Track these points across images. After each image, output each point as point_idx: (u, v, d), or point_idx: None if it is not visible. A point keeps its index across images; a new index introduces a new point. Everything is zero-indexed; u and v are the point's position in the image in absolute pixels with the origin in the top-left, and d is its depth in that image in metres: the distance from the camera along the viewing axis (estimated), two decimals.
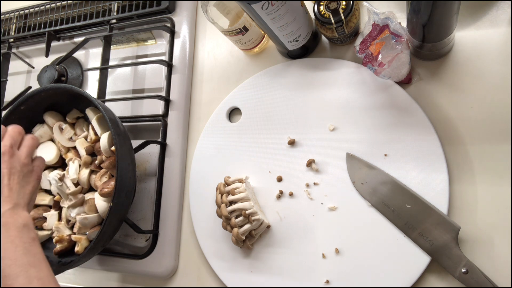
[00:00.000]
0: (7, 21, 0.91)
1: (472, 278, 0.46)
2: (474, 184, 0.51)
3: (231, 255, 0.59)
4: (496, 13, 0.54)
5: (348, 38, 0.59)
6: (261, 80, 0.64)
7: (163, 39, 0.76)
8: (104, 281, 0.69)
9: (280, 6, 0.50)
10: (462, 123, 0.53)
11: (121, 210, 0.58)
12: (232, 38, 0.62)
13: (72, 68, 0.82)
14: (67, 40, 0.84)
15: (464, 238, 0.49)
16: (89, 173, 0.64)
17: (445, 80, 0.55)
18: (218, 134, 0.65)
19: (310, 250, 0.55)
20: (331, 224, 0.55)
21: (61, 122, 0.69)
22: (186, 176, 0.67)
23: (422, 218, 0.50)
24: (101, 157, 0.62)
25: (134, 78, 0.77)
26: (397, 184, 0.52)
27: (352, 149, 0.56)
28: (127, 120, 0.72)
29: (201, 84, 0.71)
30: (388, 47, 0.49)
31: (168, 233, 0.64)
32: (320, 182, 0.57)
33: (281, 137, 0.61)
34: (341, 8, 0.54)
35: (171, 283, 0.65)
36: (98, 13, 0.81)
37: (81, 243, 0.61)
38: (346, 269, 0.53)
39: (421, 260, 0.50)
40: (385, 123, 0.55)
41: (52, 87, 0.64)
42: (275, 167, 0.60)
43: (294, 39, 0.57)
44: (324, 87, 0.60)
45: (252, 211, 0.55)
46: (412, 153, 0.53)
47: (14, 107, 0.66)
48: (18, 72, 0.90)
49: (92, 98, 0.59)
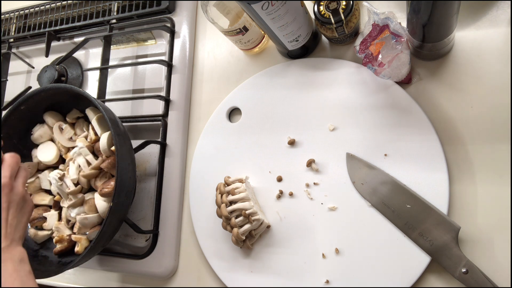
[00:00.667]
0: (7, 21, 0.91)
1: (472, 278, 0.46)
2: (474, 184, 0.51)
3: (231, 255, 0.59)
4: (496, 13, 0.54)
5: (348, 38, 0.59)
6: (261, 80, 0.64)
7: (163, 39, 0.76)
8: (104, 281, 0.69)
9: (280, 6, 0.50)
10: (462, 123, 0.53)
11: (121, 210, 0.58)
12: (232, 38, 0.62)
13: (72, 68, 0.82)
14: (67, 40, 0.84)
15: (464, 238, 0.49)
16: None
17: (445, 80, 0.55)
18: (218, 134, 0.65)
19: (310, 250, 0.55)
20: (331, 224, 0.55)
21: (61, 122, 0.69)
22: (186, 176, 0.67)
23: (422, 218, 0.50)
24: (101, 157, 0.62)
25: (134, 78, 0.77)
26: (397, 184, 0.52)
27: (352, 149, 0.56)
28: (127, 120, 0.72)
29: (201, 84, 0.71)
30: (388, 47, 0.49)
31: (168, 233, 0.64)
32: (320, 182, 0.57)
33: (281, 137, 0.61)
34: (341, 8, 0.54)
35: (171, 283, 0.65)
36: (98, 13, 0.81)
37: (81, 243, 0.61)
38: (346, 269, 0.53)
39: (421, 260, 0.50)
40: (385, 123, 0.55)
41: (52, 87, 0.64)
42: (275, 167, 0.60)
43: (294, 39, 0.57)
44: (324, 87, 0.60)
45: (252, 211, 0.55)
46: (412, 153, 0.53)
47: (14, 107, 0.66)
48: (18, 72, 0.90)
49: (92, 98, 0.59)
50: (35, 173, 0.69)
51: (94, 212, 0.61)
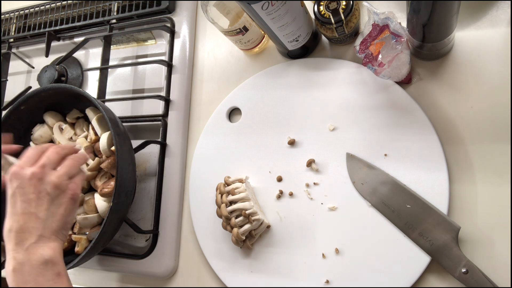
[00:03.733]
0: (7, 21, 0.91)
1: (472, 278, 0.46)
2: (474, 184, 0.51)
3: (231, 255, 0.59)
4: (496, 13, 0.54)
5: (348, 38, 0.59)
6: (261, 80, 0.64)
7: (163, 39, 0.76)
8: (104, 281, 0.69)
9: (280, 6, 0.50)
10: (462, 123, 0.53)
11: (121, 210, 0.58)
12: (232, 38, 0.62)
13: (72, 68, 0.82)
14: (67, 40, 0.84)
15: (464, 238, 0.49)
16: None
17: (445, 80, 0.55)
18: (218, 134, 0.65)
19: (310, 250, 0.55)
20: (331, 224, 0.55)
21: (61, 122, 0.69)
22: (186, 176, 0.67)
23: (422, 218, 0.50)
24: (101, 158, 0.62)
25: (134, 78, 0.77)
26: (397, 184, 0.52)
27: (352, 149, 0.56)
28: (127, 120, 0.72)
29: (201, 84, 0.71)
30: (388, 47, 0.49)
31: (168, 233, 0.64)
32: (320, 182, 0.57)
33: (281, 137, 0.61)
34: (341, 8, 0.54)
35: (171, 283, 0.65)
36: (98, 13, 0.81)
37: (81, 243, 0.61)
38: (346, 269, 0.53)
39: (421, 260, 0.50)
40: (385, 123, 0.55)
41: (52, 87, 0.64)
42: (275, 167, 0.60)
43: (294, 39, 0.57)
44: (324, 87, 0.60)
45: (252, 211, 0.55)
46: (412, 153, 0.53)
47: (14, 107, 0.66)
48: (18, 72, 0.90)
49: (92, 98, 0.59)
50: None
51: (94, 212, 0.61)
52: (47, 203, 0.45)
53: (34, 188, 0.45)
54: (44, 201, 0.45)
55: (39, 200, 0.45)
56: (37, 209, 0.44)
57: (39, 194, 0.45)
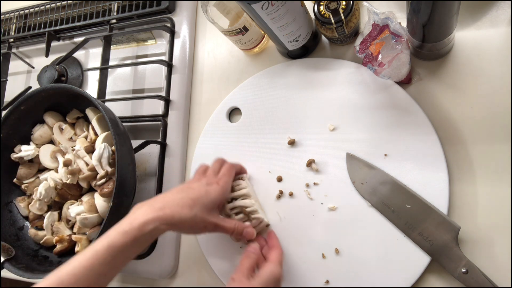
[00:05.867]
0: (7, 21, 0.91)
1: (472, 278, 0.46)
2: (474, 184, 0.51)
3: (231, 255, 0.59)
4: (496, 13, 0.54)
5: (348, 38, 0.59)
6: (261, 80, 0.64)
7: (163, 39, 0.76)
8: None
9: (280, 6, 0.50)
10: (462, 123, 0.53)
11: (121, 210, 0.58)
12: (232, 38, 0.62)
13: (72, 68, 0.82)
14: (67, 40, 0.84)
15: (464, 238, 0.49)
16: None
17: (445, 80, 0.55)
18: (218, 134, 0.65)
19: (310, 250, 0.55)
20: (331, 224, 0.55)
21: (61, 122, 0.69)
22: (186, 176, 0.67)
23: (422, 218, 0.50)
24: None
25: (134, 78, 0.77)
26: (397, 184, 0.52)
27: (352, 149, 0.56)
28: (127, 120, 0.72)
29: (201, 84, 0.71)
30: (388, 47, 0.49)
31: (168, 233, 0.64)
32: (320, 182, 0.57)
33: (281, 137, 0.61)
34: (341, 8, 0.54)
35: (171, 283, 0.65)
36: (98, 13, 0.81)
37: (81, 243, 0.61)
38: (346, 269, 0.53)
39: (421, 260, 0.50)
40: (385, 123, 0.55)
41: (52, 87, 0.64)
42: (275, 167, 0.60)
43: (294, 39, 0.57)
44: (324, 87, 0.60)
45: (253, 209, 0.55)
46: (412, 153, 0.53)
47: (14, 107, 0.66)
48: (18, 72, 0.90)
49: (92, 98, 0.59)
50: (35, 173, 0.69)
51: (94, 212, 0.61)
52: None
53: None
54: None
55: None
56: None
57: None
